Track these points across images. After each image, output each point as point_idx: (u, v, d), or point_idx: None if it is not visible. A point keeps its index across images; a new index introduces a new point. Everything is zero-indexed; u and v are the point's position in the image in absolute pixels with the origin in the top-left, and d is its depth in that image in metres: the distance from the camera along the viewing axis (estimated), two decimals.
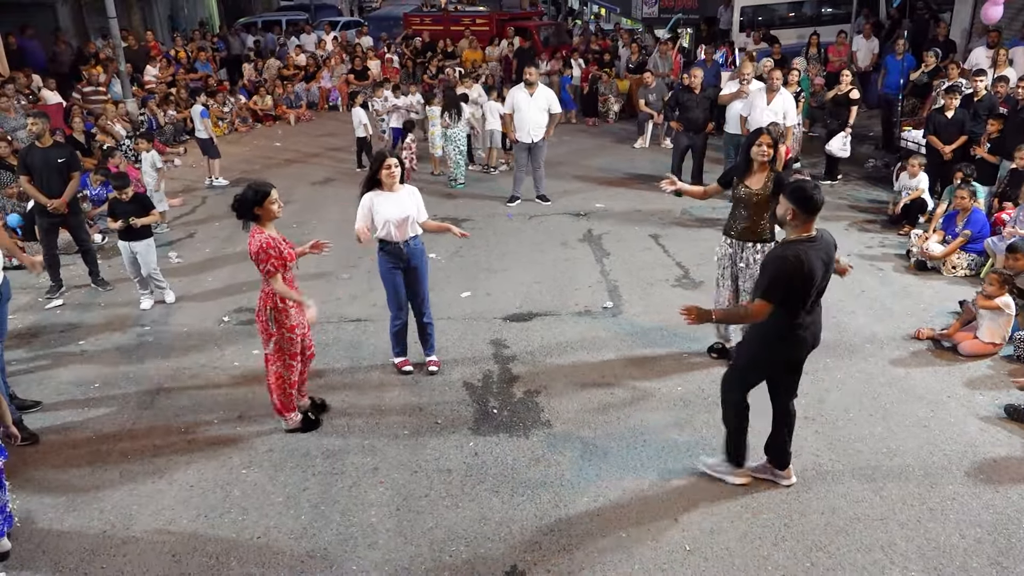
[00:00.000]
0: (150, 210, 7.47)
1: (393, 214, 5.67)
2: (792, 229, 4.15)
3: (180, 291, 7.86)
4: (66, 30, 18.44)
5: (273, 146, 14.86)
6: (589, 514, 4.53)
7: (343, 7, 33.57)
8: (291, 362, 5.20)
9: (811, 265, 4.04)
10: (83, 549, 4.35)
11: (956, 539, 4.27)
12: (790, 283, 4.07)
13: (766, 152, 5.63)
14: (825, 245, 4.18)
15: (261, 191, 4.92)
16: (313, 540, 4.38)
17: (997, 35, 11.49)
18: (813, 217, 4.10)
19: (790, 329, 4.23)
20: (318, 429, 5.44)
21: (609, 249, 8.83)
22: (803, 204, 4.04)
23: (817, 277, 4.10)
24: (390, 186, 5.70)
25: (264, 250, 4.88)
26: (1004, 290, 6.26)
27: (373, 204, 5.68)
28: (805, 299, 4.13)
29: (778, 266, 4.08)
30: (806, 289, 4.09)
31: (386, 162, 5.66)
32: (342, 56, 18.75)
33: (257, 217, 4.95)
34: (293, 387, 5.30)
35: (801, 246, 4.08)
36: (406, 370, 6.16)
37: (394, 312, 6.02)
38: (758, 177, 5.71)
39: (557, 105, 10.38)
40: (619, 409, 5.60)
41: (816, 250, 4.10)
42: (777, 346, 4.33)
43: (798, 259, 4.03)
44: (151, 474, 5.00)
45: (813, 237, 4.13)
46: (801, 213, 4.07)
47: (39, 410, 5.76)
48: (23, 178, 7.66)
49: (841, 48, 14.54)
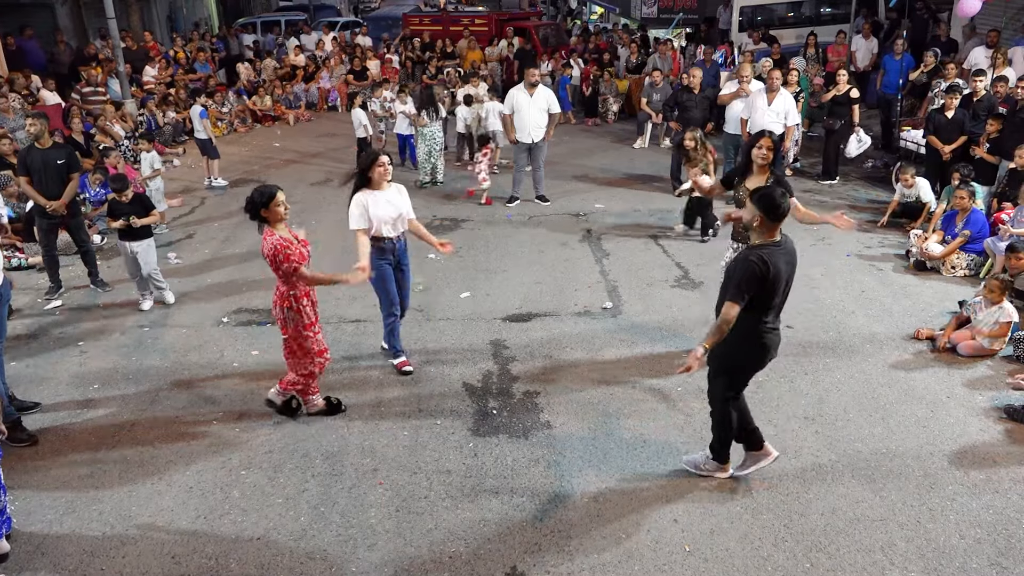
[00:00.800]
0: (150, 210, 7.47)
1: (387, 213, 5.75)
2: (758, 234, 4.26)
3: (179, 292, 7.86)
4: (65, 30, 18.44)
5: (272, 146, 14.85)
6: (589, 515, 4.53)
7: (342, 7, 33.57)
8: (318, 359, 5.38)
9: (776, 268, 4.16)
10: (82, 551, 4.35)
11: (956, 540, 4.27)
12: (758, 285, 4.16)
13: (766, 155, 5.66)
14: (789, 251, 4.30)
15: (267, 193, 4.99)
16: (313, 541, 4.38)
17: (996, 35, 11.49)
18: (778, 223, 4.22)
19: (759, 332, 4.33)
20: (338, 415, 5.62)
21: (608, 249, 8.83)
22: (769, 211, 4.16)
23: (782, 280, 4.23)
24: (380, 184, 5.74)
25: (280, 250, 4.92)
26: (1004, 296, 6.25)
27: (368, 203, 5.69)
28: (771, 301, 4.26)
29: (744, 268, 4.19)
30: (773, 291, 4.21)
31: (379, 160, 5.73)
32: (341, 57, 18.74)
33: (264, 219, 5.00)
34: (314, 379, 5.48)
35: (766, 250, 4.20)
36: (406, 370, 6.17)
37: (387, 310, 6.08)
38: (758, 179, 5.71)
39: (557, 105, 10.38)
40: (619, 410, 5.60)
41: (781, 254, 4.23)
42: (747, 348, 4.40)
43: (763, 261, 4.14)
44: (150, 475, 5.00)
45: (778, 242, 4.26)
46: (767, 220, 4.19)
47: (38, 411, 5.75)
48: (22, 179, 7.65)
49: (840, 48, 14.54)
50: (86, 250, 8.06)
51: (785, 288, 4.31)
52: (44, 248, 7.93)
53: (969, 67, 11.63)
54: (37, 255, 8.48)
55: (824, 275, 7.85)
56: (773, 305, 4.30)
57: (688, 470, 4.86)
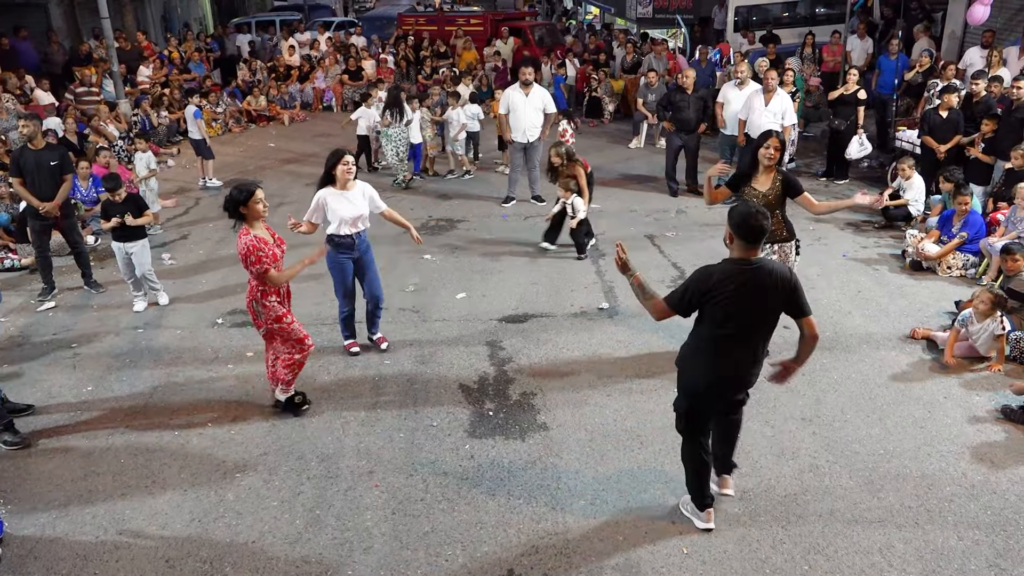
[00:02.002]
0: (144, 210, 7.42)
1: (347, 213, 5.90)
2: (732, 251, 3.94)
3: (173, 293, 7.82)
4: (59, 30, 18.35)
5: (267, 147, 14.80)
6: (586, 517, 4.51)
7: (337, 7, 33.49)
8: (301, 345, 5.39)
9: (725, 285, 3.80)
10: (75, 555, 4.31)
11: (954, 541, 4.26)
12: (699, 296, 3.88)
13: (773, 155, 5.68)
14: (760, 277, 3.83)
15: (246, 190, 5.03)
16: (308, 544, 4.35)
17: (991, 35, 11.50)
18: (752, 244, 3.84)
19: (706, 355, 4.01)
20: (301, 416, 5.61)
21: (605, 250, 8.81)
22: (737, 227, 3.83)
23: (736, 305, 3.82)
24: (344, 183, 5.86)
25: (252, 251, 4.95)
26: (995, 311, 6.01)
27: (327, 202, 5.87)
28: (717, 322, 3.88)
29: (694, 273, 3.97)
30: (721, 314, 3.85)
31: (343, 159, 5.85)
32: (336, 57, 18.70)
33: (243, 216, 5.00)
34: (301, 367, 5.50)
35: (729, 265, 3.88)
36: (354, 351, 6.44)
37: (342, 301, 6.29)
38: (765, 179, 5.75)
39: (552, 105, 10.35)
40: (616, 411, 5.58)
41: (745, 275, 3.82)
42: (692, 366, 4.10)
43: (708, 272, 3.88)
44: (144, 478, 4.96)
45: (748, 261, 3.85)
46: (736, 236, 3.86)
47: (31, 414, 5.71)
48: (15, 181, 7.60)
49: (835, 48, 14.54)
50: (79, 251, 8.02)
51: (747, 316, 3.87)
52: (37, 249, 7.88)
53: (964, 68, 11.64)
54: (30, 256, 8.44)
55: (820, 275, 7.84)
56: (722, 328, 3.88)
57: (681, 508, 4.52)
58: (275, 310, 5.23)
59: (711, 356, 3.99)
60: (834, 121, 11.02)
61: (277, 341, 5.40)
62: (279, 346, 5.41)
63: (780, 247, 5.82)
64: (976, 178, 8.89)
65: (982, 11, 10.47)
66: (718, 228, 9.35)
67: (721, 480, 4.61)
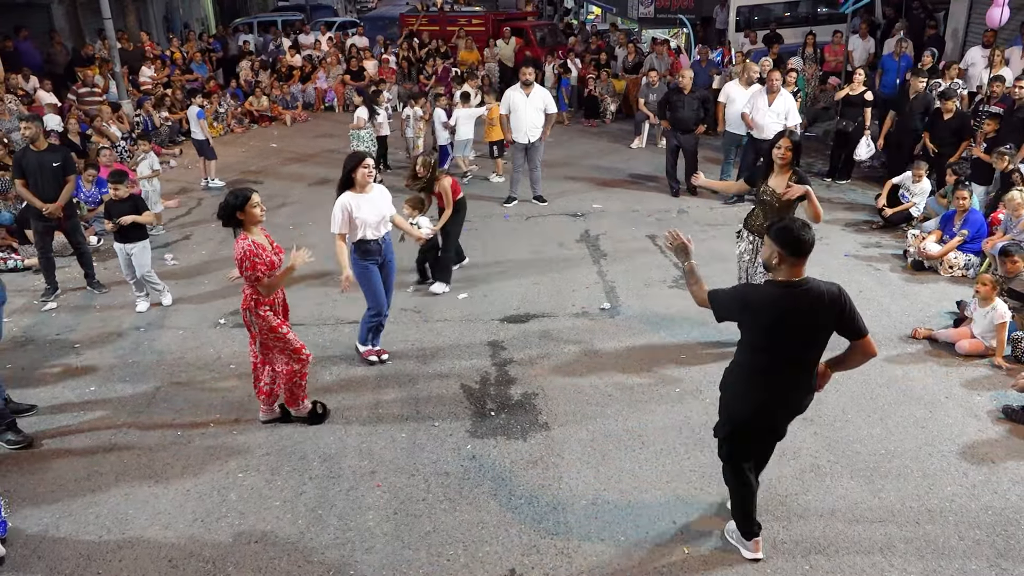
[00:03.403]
0: (141, 211, 7.38)
1: (371, 216, 5.79)
2: (777, 272, 3.69)
3: (176, 293, 7.83)
4: (61, 31, 18.39)
5: (269, 147, 14.82)
6: (587, 517, 4.52)
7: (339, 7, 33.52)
8: (300, 356, 5.25)
9: (770, 311, 3.64)
10: (79, 555, 4.33)
11: (955, 541, 4.27)
12: (735, 312, 3.79)
13: (785, 155, 5.76)
14: (811, 300, 3.64)
15: (242, 195, 4.94)
16: (310, 544, 4.36)
17: (992, 35, 11.50)
18: (801, 259, 3.63)
19: (741, 375, 3.88)
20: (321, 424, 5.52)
21: (606, 250, 8.82)
22: (789, 246, 3.59)
23: (775, 327, 3.65)
24: (364, 186, 5.77)
25: (248, 257, 4.87)
26: (995, 293, 6.24)
27: (351, 206, 5.73)
28: (762, 346, 3.73)
29: (739, 288, 3.91)
30: (758, 332, 3.73)
31: (364, 161, 5.76)
32: (338, 57, 18.72)
33: (240, 222, 4.95)
34: (304, 378, 5.37)
35: (774, 289, 3.67)
36: (372, 360, 6.31)
37: (376, 307, 6.12)
38: (780, 179, 5.83)
39: (553, 105, 10.35)
40: (617, 411, 5.59)
41: (793, 299, 3.63)
42: (728, 391, 3.97)
43: (748, 294, 3.80)
44: (147, 478, 4.98)
45: (794, 283, 3.64)
46: (787, 256, 3.61)
47: (34, 414, 5.73)
48: (18, 182, 7.61)
49: (837, 48, 14.54)
50: (82, 252, 8.04)
51: (797, 341, 3.68)
52: (40, 250, 7.89)
53: (966, 67, 11.64)
54: (33, 257, 8.46)
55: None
56: (767, 353, 3.72)
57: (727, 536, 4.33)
58: (269, 321, 5.05)
59: (760, 383, 3.78)
60: (842, 122, 11.01)
61: (274, 352, 5.20)
62: (277, 357, 5.22)
63: None
64: (978, 177, 8.89)
65: (999, 12, 10.43)
66: (719, 228, 9.36)
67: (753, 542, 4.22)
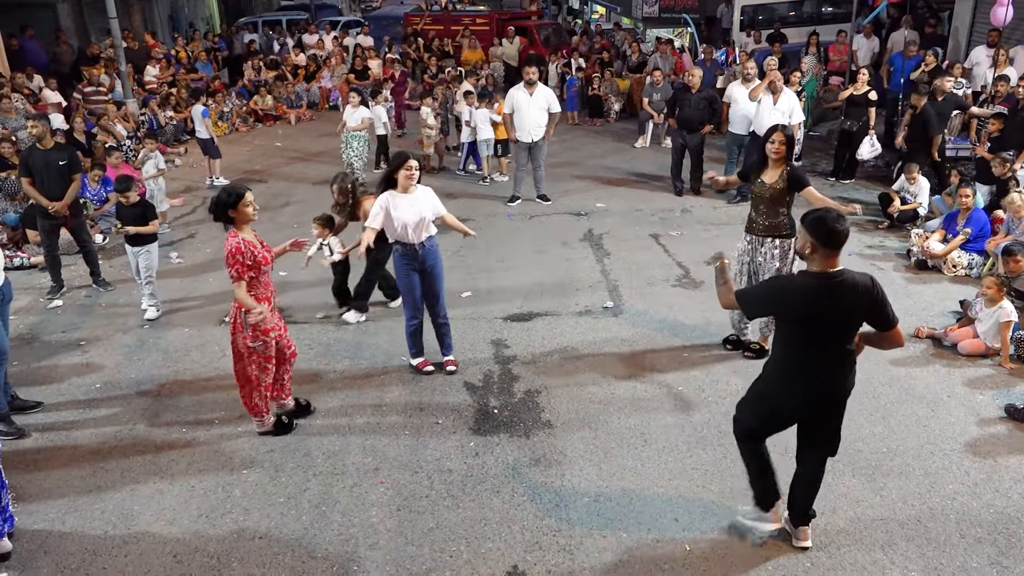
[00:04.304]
0: (150, 219, 7.38)
1: (409, 217, 5.68)
2: (811, 263, 3.75)
3: (181, 292, 7.87)
4: (67, 30, 18.46)
5: (274, 146, 14.86)
6: (590, 514, 4.54)
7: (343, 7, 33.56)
8: (267, 365, 5.15)
9: (807, 302, 3.68)
10: (84, 549, 4.37)
11: (956, 539, 4.28)
12: (765, 304, 3.90)
13: (778, 149, 5.84)
14: (846, 291, 3.66)
15: (235, 193, 4.91)
16: (314, 540, 4.39)
17: (997, 34, 11.48)
18: (835, 251, 3.67)
19: (784, 367, 3.90)
20: (291, 433, 5.41)
21: (610, 249, 8.84)
22: (822, 236, 3.63)
23: (813, 318, 3.70)
24: (406, 188, 5.71)
25: (233, 254, 4.84)
26: (1002, 294, 6.24)
27: (389, 205, 5.68)
28: (801, 340, 3.79)
29: (770, 281, 3.95)
30: (796, 325, 3.77)
31: (407, 163, 5.67)
32: (342, 56, 18.74)
33: (232, 220, 4.93)
34: (268, 389, 5.26)
35: (810, 280, 3.71)
36: (427, 370, 6.14)
37: (409, 312, 6.02)
38: (773, 172, 5.94)
39: (557, 105, 10.38)
40: (619, 409, 5.61)
41: (829, 291, 3.66)
42: (771, 385, 3.98)
43: (785, 287, 3.84)
44: (152, 474, 5.01)
45: (829, 274, 3.67)
46: (821, 247, 3.66)
47: (40, 411, 5.77)
48: (24, 180, 7.65)
49: (841, 47, 14.53)
50: (88, 250, 8.07)
51: (834, 331, 3.75)
52: (46, 248, 7.94)
53: (970, 67, 11.63)
54: (39, 255, 8.50)
55: None
56: (807, 346, 3.76)
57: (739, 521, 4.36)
58: (267, 322, 4.96)
59: (803, 373, 3.81)
60: (846, 122, 11.01)
61: (246, 365, 5.10)
62: (251, 371, 5.11)
63: (782, 242, 5.87)
64: (982, 177, 8.89)
65: (1003, 12, 10.42)
66: (723, 227, 9.37)
67: (800, 530, 4.25)
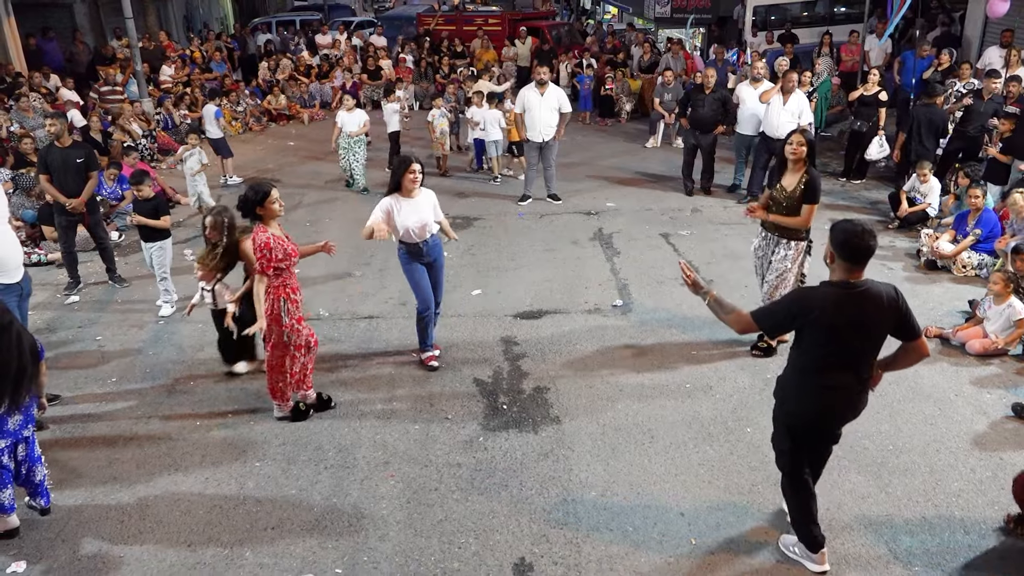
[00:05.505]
0: (162, 215, 7.47)
1: (412, 221, 5.79)
2: (833, 272, 3.67)
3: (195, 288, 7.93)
4: (83, 29, 18.66)
5: (287, 145, 14.98)
6: (597, 508, 4.59)
7: (357, 7, 33.71)
8: (296, 353, 5.34)
9: (830, 314, 3.54)
10: (100, 538, 4.46)
11: (960, 536, 4.31)
12: (788, 317, 3.70)
13: (796, 150, 5.80)
14: (870, 302, 3.57)
15: (261, 191, 5.06)
16: (325, 532, 4.46)
17: (1010, 34, 11.45)
18: (857, 265, 3.56)
19: (801, 378, 3.77)
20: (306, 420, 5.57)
21: (619, 248, 8.88)
22: (841, 248, 3.55)
23: (835, 330, 3.57)
24: (410, 192, 5.80)
25: (263, 248, 4.99)
26: (1009, 290, 6.27)
27: (392, 209, 5.77)
28: (821, 351, 3.65)
29: (791, 295, 3.81)
30: (817, 335, 3.62)
31: (411, 167, 5.76)
32: (355, 56, 18.84)
33: (259, 217, 5.08)
34: (294, 376, 5.42)
35: (832, 290, 3.59)
36: (432, 366, 6.24)
37: (422, 305, 6.09)
38: (793, 176, 5.88)
39: (568, 105, 10.41)
40: (627, 406, 5.66)
41: (852, 301, 3.55)
42: (787, 395, 3.88)
43: (807, 297, 3.67)
44: (167, 466, 5.10)
45: (852, 284, 3.57)
46: (839, 258, 3.57)
47: (58, 403, 5.87)
48: (42, 177, 7.77)
49: (854, 48, 14.50)
50: (104, 247, 8.19)
51: (856, 344, 3.61)
52: (63, 245, 8.06)
53: (983, 67, 11.59)
54: (56, 251, 8.63)
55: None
56: (827, 356, 3.64)
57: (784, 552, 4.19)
58: (295, 312, 5.23)
59: (823, 386, 3.71)
60: (856, 122, 11.00)
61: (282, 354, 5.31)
62: (283, 358, 5.32)
63: (795, 244, 5.91)
64: (993, 177, 8.87)
65: (1001, 5, 10.41)
66: (733, 227, 9.40)
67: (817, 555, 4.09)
